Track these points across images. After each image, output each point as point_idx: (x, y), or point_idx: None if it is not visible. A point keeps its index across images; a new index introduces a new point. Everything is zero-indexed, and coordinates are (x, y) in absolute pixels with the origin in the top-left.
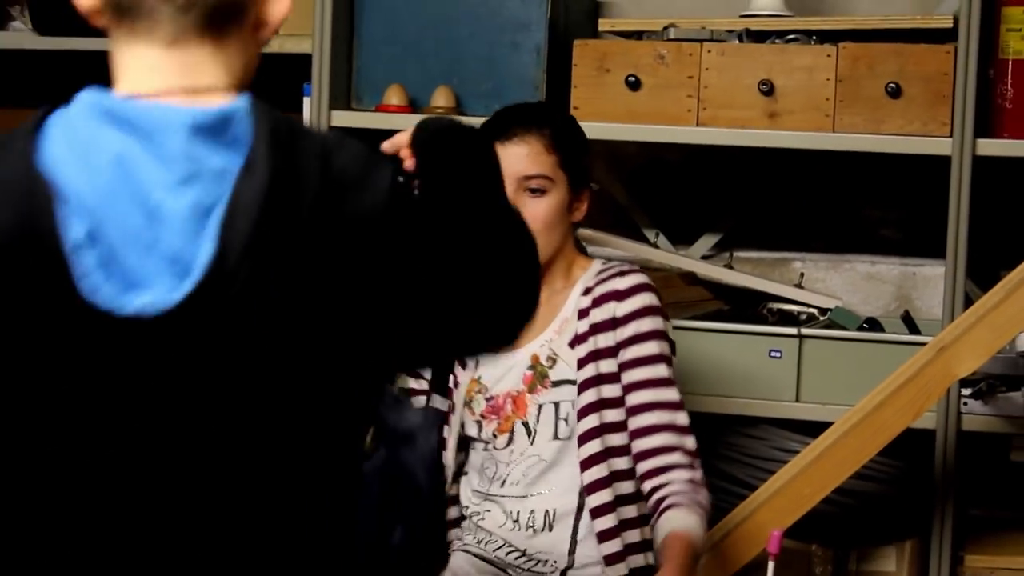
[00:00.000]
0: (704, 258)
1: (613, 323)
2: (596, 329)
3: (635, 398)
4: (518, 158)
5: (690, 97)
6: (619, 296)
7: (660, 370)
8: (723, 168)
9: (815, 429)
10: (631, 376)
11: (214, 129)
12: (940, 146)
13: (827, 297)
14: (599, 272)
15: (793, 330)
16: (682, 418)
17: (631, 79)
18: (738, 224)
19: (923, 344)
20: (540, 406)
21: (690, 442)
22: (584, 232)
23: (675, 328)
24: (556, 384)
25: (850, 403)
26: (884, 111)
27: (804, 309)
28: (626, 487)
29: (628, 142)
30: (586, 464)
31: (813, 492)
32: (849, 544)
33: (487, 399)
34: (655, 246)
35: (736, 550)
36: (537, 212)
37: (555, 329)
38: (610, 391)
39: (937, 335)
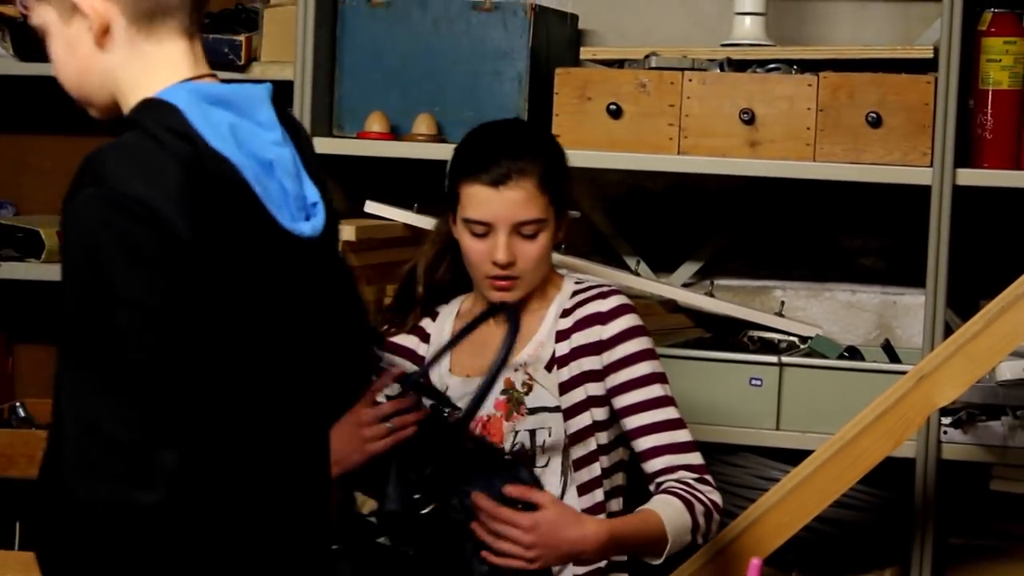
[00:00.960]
0: (685, 286)
1: (599, 346)
2: (579, 352)
3: (632, 422)
4: (513, 205)
5: (671, 125)
6: (603, 319)
7: (655, 391)
8: (704, 196)
9: (795, 457)
10: (626, 400)
11: (272, 100)
12: (920, 175)
13: (807, 325)
14: (574, 293)
15: (774, 358)
16: (683, 435)
17: (612, 107)
18: (719, 252)
19: (903, 373)
20: (516, 433)
21: (695, 457)
22: (565, 259)
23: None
24: (532, 411)
25: (830, 431)
26: (865, 140)
27: (785, 337)
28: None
29: (610, 170)
30: (584, 489)
31: (793, 521)
32: (829, 573)
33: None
34: (636, 274)
35: None
36: (531, 253)
37: (529, 353)
38: (598, 414)
39: (917, 364)
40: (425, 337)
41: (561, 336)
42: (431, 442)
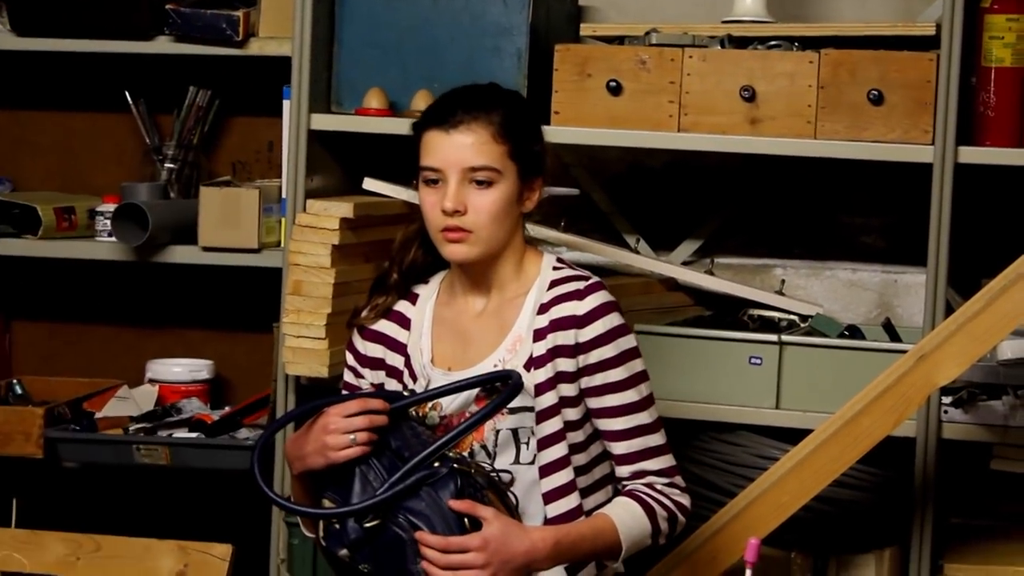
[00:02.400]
0: (685, 264)
1: (575, 349)
2: (556, 353)
3: (604, 425)
4: (462, 148)
5: (671, 102)
6: (579, 322)
7: (629, 395)
8: (704, 174)
9: (795, 436)
10: (600, 402)
11: None
12: (922, 153)
13: (808, 304)
14: (552, 283)
15: (774, 337)
16: (655, 439)
17: (612, 84)
18: (719, 230)
19: (904, 352)
20: (498, 431)
21: (665, 461)
22: (564, 237)
23: (656, 334)
24: (513, 411)
25: (830, 410)
26: (866, 118)
27: (785, 316)
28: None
29: (609, 147)
30: (552, 496)
31: (792, 500)
32: (828, 552)
33: (441, 416)
34: (636, 252)
35: (714, 558)
36: (483, 204)
37: (508, 348)
38: (571, 414)
39: (918, 343)
40: (405, 323)
41: (538, 336)
42: (400, 460)
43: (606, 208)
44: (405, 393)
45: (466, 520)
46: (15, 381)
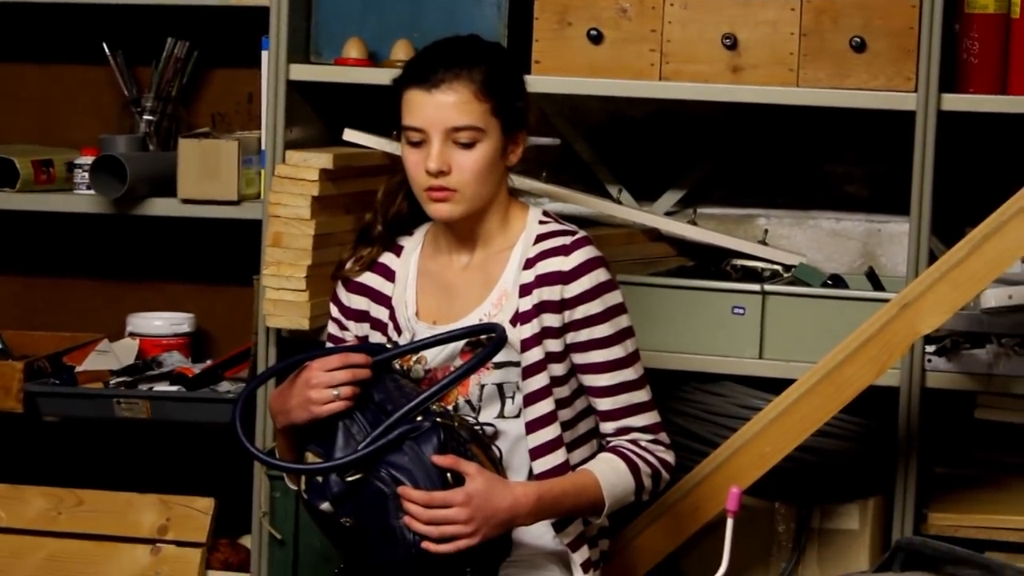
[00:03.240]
0: (668, 214)
1: (561, 305)
2: (541, 308)
3: (589, 381)
4: (444, 108)
5: (653, 51)
6: (565, 278)
7: (615, 351)
8: (687, 123)
9: (778, 386)
10: (585, 358)
11: None
12: (905, 101)
13: (791, 254)
14: (538, 238)
15: (757, 287)
16: (640, 395)
17: (593, 32)
18: (702, 180)
19: (887, 301)
20: (483, 386)
21: (650, 417)
22: (546, 188)
23: (639, 285)
24: (499, 366)
25: (813, 360)
26: (849, 65)
27: (768, 266)
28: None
29: (591, 97)
30: (538, 452)
31: (775, 450)
32: (812, 502)
33: (425, 370)
34: (618, 202)
35: (697, 508)
36: (466, 164)
37: (494, 302)
38: (557, 370)
39: (901, 292)
40: (390, 275)
41: (524, 291)
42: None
43: (588, 158)
44: (388, 346)
45: (449, 475)
46: None
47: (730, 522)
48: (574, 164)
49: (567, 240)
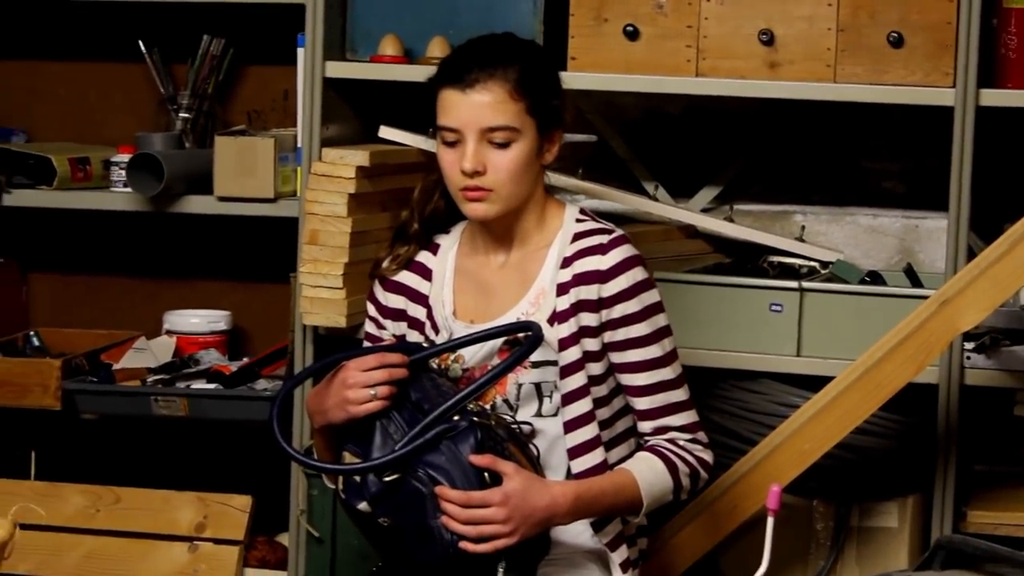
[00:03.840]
0: (704, 211)
1: (598, 304)
2: (579, 307)
3: (628, 380)
4: (479, 108)
5: (689, 47)
6: (602, 277)
7: (652, 351)
8: (723, 119)
9: (816, 383)
10: (622, 357)
11: None
12: (943, 96)
13: (828, 250)
14: (575, 236)
15: (794, 283)
16: (678, 395)
17: (629, 29)
18: (738, 176)
19: (925, 298)
20: (520, 385)
21: (688, 416)
22: (582, 185)
23: (675, 282)
24: (536, 365)
25: (851, 357)
26: (886, 61)
27: (805, 262)
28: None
29: (627, 93)
30: (577, 451)
31: (814, 447)
32: (851, 499)
33: (463, 369)
34: (654, 199)
35: (735, 506)
36: (501, 163)
37: (531, 301)
38: (595, 369)
39: (940, 288)
40: (427, 274)
41: (561, 290)
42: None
43: (624, 155)
44: (425, 345)
45: (486, 474)
46: (32, 333)
47: (771, 520)
48: (610, 161)
49: (604, 239)
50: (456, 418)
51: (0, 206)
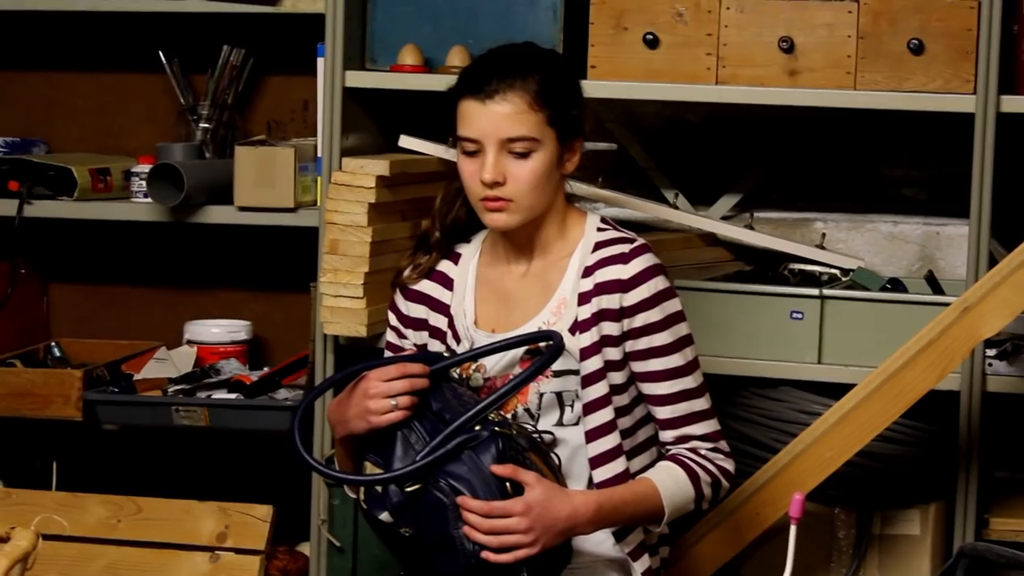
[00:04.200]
0: (724, 219)
1: (620, 313)
2: (601, 317)
3: (650, 389)
4: (499, 119)
5: (709, 55)
6: (624, 287)
7: (674, 359)
8: (743, 127)
9: (837, 391)
10: (644, 366)
11: None
12: (963, 103)
13: (849, 258)
14: (597, 245)
15: (815, 291)
16: (700, 404)
17: (649, 37)
18: (758, 184)
19: (947, 304)
20: (541, 395)
21: (710, 425)
22: (601, 193)
23: (696, 290)
24: (558, 374)
25: (873, 365)
26: (906, 68)
27: (826, 270)
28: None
29: (646, 101)
30: (599, 461)
31: (836, 455)
32: (873, 507)
33: (485, 378)
34: (674, 207)
35: (756, 514)
36: (522, 174)
37: (552, 311)
38: (616, 378)
39: (961, 295)
40: (448, 283)
41: (583, 299)
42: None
43: (644, 163)
44: (446, 355)
45: (508, 484)
46: (53, 344)
47: (793, 529)
48: (630, 169)
49: (626, 248)
50: (477, 428)
51: (21, 217)
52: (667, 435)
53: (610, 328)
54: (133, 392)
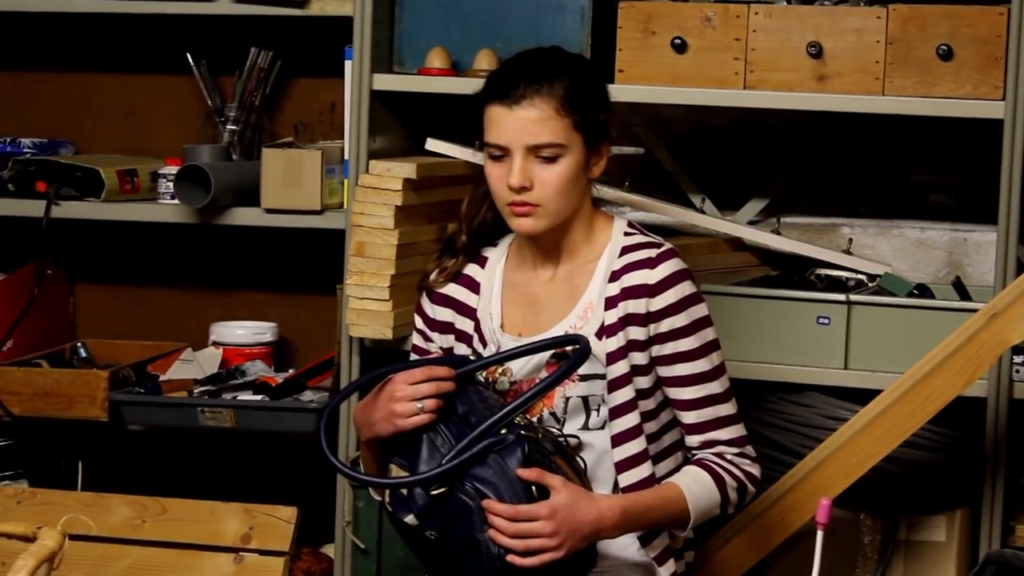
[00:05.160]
0: (751, 224)
1: (646, 318)
2: (627, 321)
3: (674, 394)
4: (526, 124)
5: (737, 60)
6: (651, 291)
7: (699, 365)
8: (771, 132)
9: (864, 397)
10: (671, 371)
11: None
12: (992, 109)
13: (876, 263)
14: (624, 250)
15: (842, 296)
16: (726, 409)
17: (677, 41)
18: (785, 189)
19: (974, 311)
20: (568, 399)
21: (736, 431)
22: (628, 197)
23: (722, 295)
24: (584, 379)
25: (900, 371)
26: (935, 74)
27: (853, 275)
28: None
29: (674, 105)
30: (624, 465)
31: (862, 460)
32: (898, 513)
33: (511, 382)
34: (701, 211)
35: (783, 519)
36: (548, 179)
37: (579, 315)
38: (643, 383)
39: (989, 302)
40: (475, 287)
41: (610, 304)
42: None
43: (671, 167)
44: (472, 358)
45: (534, 488)
46: (79, 344)
47: (820, 534)
48: (657, 173)
49: (653, 252)
50: (503, 431)
51: (48, 218)
52: (693, 440)
53: (636, 333)
54: (159, 393)
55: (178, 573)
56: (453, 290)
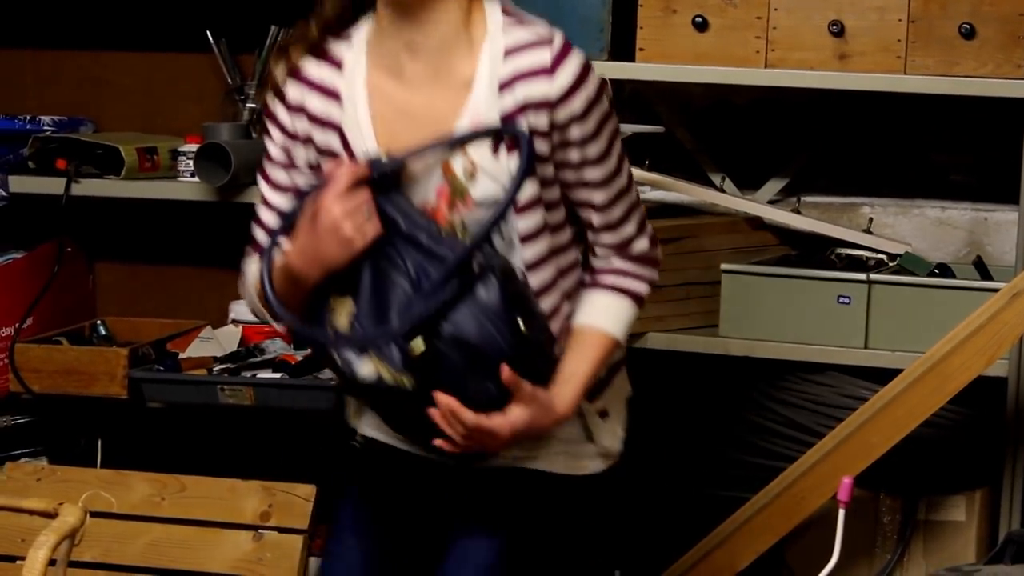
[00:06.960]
0: (771, 203)
1: (550, 130)
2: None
3: (586, 196)
4: None
5: (758, 38)
6: (552, 105)
7: (611, 163)
8: (791, 111)
9: (884, 376)
10: (580, 175)
11: None
12: (1015, 88)
13: (896, 243)
14: (508, 52)
15: (862, 276)
16: (631, 197)
17: (698, 20)
18: (806, 168)
19: (995, 290)
20: (464, 224)
21: (639, 216)
22: (648, 176)
23: (742, 274)
24: (480, 205)
25: (920, 350)
26: (957, 52)
27: (873, 255)
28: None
29: (694, 84)
30: (537, 295)
31: (883, 440)
32: (918, 493)
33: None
34: (721, 190)
35: (802, 498)
36: None
37: (468, 124)
38: (548, 195)
39: (1010, 281)
40: (334, 96)
41: (507, 119)
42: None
43: (691, 146)
44: (385, 160)
45: (520, 321)
46: (99, 322)
47: (842, 513)
48: (676, 152)
49: (546, 56)
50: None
51: (68, 195)
52: (606, 238)
53: (539, 145)
54: (178, 371)
55: (197, 550)
56: (316, 71)
